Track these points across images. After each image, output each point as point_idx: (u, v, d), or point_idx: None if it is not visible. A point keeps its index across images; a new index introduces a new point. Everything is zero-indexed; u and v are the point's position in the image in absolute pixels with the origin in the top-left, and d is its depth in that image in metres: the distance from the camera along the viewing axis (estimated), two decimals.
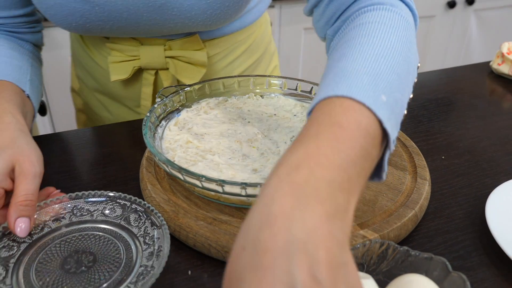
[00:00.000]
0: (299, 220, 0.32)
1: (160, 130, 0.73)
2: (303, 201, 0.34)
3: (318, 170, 0.36)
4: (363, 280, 0.46)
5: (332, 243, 0.32)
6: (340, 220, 0.35)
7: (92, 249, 0.59)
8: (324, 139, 0.39)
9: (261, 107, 0.81)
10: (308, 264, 0.31)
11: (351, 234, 0.57)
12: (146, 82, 0.90)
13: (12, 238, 0.59)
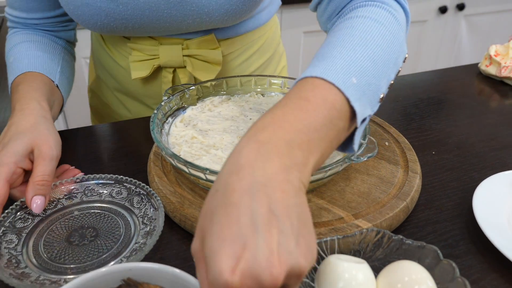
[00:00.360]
0: (261, 168, 0.37)
1: (167, 126, 0.73)
2: (265, 154, 0.39)
3: (279, 132, 0.41)
4: (358, 265, 0.46)
5: (288, 187, 0.37)
6: (298, 171, 0.39)
7: (95, 225, 0.61)
8: (289, 108, 0.44)
9: (262, 105, 0.81)
10: (267, 202, 0.36)
11: (345, 223, 0.57)
12: (165, 79, 0.91)
13: (28, 212, 0.61)
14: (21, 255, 0.55)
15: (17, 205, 0.60)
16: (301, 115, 0.43)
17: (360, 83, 0.48)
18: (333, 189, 0.65)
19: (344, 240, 0.51)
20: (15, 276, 0.51)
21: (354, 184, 0.66)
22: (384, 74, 0.52)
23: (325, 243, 0.51)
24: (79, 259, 0.56)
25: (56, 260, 0.55)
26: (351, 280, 0.45)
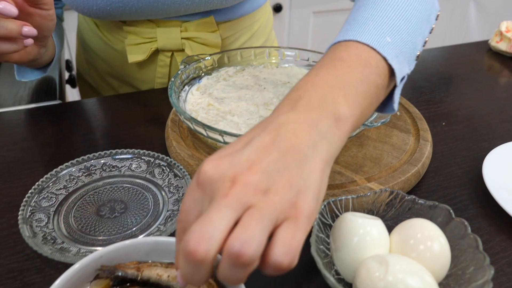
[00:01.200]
0: (285, 115, 0.37)
1: (183, 94, 0.73)
2: (295, 109, 0.38)
3: (312, 90, 0.40)
4: (373, 221, 0.47)
5: (304, 135, 0.36)
6: (327, 126, 0.37)
7: (123, 199, 0.61)
8: (322, 69, 0.42)
9: (276, 75, 0.81)
10: (274, 136, 0.35)
11: (358, 185, 0.57)
12: (162, 63, 0.90)
13: (50, 191, 0.60)
14: (54, 231, 0.55)
15: (39, 185, 0.60)
16: (334, 73, 0.41)
17: (395, 41, 0.46)
18: (346, 155, 0.65)
19: (358, 199, 0.52)
20: (56, 251, 0.50)
21: (367, 150, 0.66)
22: (418, 32, 0.50)
23: (339, 202, 0.51)
24: (109, 231, 0.55)
25: (91, 233, 0.55)
26: (366, 236, 0.46)
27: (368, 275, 0.42)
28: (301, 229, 0.32)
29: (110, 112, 0.83)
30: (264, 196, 0.32)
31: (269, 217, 0.31)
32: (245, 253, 0.30)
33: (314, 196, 0.34)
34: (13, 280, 0.50)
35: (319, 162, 0.35)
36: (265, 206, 0.32)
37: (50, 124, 0.79)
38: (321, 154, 0.36)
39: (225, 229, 0.31)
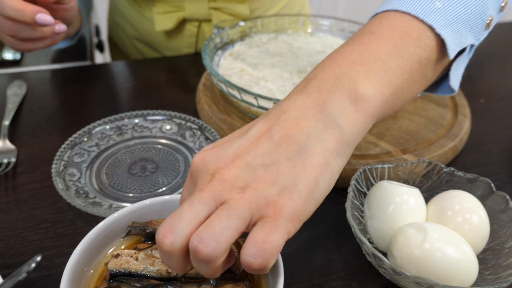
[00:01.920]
0: (291, 100, 0.34)
1: (216, 58, 0.73)
2: (305, 90, 0.35)
3: (329, 68, 0.36)
4: (411, 189, 0.46)
5: (306, 123, 0.33)
6: (339, 108, 0.33)
7: (154, 159, 0.61)
8: (348, 44, 0.38)
9: (310, 44, 0.80)
10: (272, 123, 0.33)
11: (393, 157, 0.56)
12: (189, 33, 0.89)
13: (82, 147, 0.61)
14: (86, 186, 0.55)
15: (72, 140, 0.60)
16: (359, 48, 0.36)
17: (448, 6, 0.38)
18: (381, 126, 0.64)
19: (394, 169, 0.51)
20: (89, 205, 0.51)
21: (402, 123, 0.65)
22: None
23: (375, 170, 0.50)
24: (140, 189, 0.56)
25: (122, 190, 0.56)
26: (402, 204, 0.45)
27: (405, 242, 0.41)
28: (278, 230, 0.30)
29: (140, 75, 0.83)
30: (240, 193, 0.31)
31: (238, 215, 0.30)
32: (202, 251, 0.29)
33: (303, 194, 0.31)
34: (47, 230, 0.51)
35: (320, 154, 0.32)
36: (236, 203, 0.30)
37: (81, 84, 0.79)
38: (326, 144, 0.32)
39: (192, 223, 0.31)
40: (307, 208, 0.32)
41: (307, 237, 0.51)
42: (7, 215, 0.52)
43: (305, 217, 0.32)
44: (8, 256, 0.47)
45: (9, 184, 0.57)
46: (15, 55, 0.87)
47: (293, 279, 0.46)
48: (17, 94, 0.74)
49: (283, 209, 0.30)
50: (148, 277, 0.41)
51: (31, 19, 0.57)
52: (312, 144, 0.32)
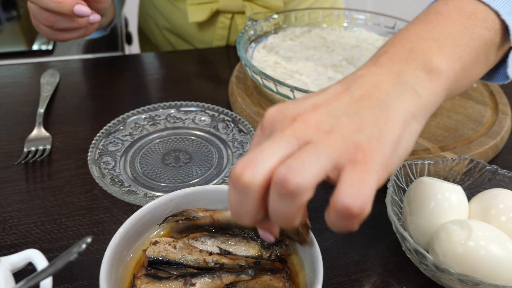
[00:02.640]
0: (366, 68, 0.35)
1: (250, 50, 0.73)
2: (378, 63, 0.35)
3: (399, 43, 0.36)
4: (453, 186, 0.45)
5: (384, 86, 0.33)
6: (415, 77, 0.34)
7: (187, 150, 0.62)
8: (415, 23, 0.38)
9: (344, 38, 0.79)
10: (349, 84, 0.33)
11: (431, 153, 0.56)
12: (222, 25, 0.89)
13: (117, 136, 0.62)
14: (121, 175, 0.56)
15: (106, 129, 0.61)
16: (428, 26, 0.37)
17: None
18: None
19: (434, 165, 0.50)
20: (124, 193, 0.52)
21: (440, 120, 0.64)
22: None
23: (415, 166, 0.50)
24: (174, 179, 0.57)
25: (156, 179, 0.56)
26: (444, 202, 0.45)
27: (448, 239, 0.41)
28: (371, 174, 0.28)
29: (171, 67, 0.85)
30: (326, 135, 0.30)
31: (326, 154, 0.28)
32: (292, 180, 0.27)
33: (390, 145, 0.30)
34: (82, 217, 0.52)
35: (402, 112, 0.31)
36: (324, 143, 0.29)
37: (113, 74, 0.81)
38: (406, 104, 0.32)
39: (275, 158, 0.29)
40: (393, 161, 0.31)
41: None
42: (43, 201, 0.54)
43: (391, 170, 0.31)
44: (46, 241, 0.49)
45: (44, 171, 0.58)
46: (48, 45, 0.89)
47: (330, 274, 0.46)
48: (50, 83, 0.76)
49: (374, 154, 0.29)
50: (186, 266, 0.42)
51: (70, 10, 0.59)
52: (393, 102, 0.32)
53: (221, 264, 0.41)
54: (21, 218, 0.51)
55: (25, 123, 0.66)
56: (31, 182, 0.56)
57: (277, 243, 0.43)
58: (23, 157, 0.59)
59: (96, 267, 0.45)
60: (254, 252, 0.43)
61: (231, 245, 0.44)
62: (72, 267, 0.46)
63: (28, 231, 0.50)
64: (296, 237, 0.41)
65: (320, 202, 0.54)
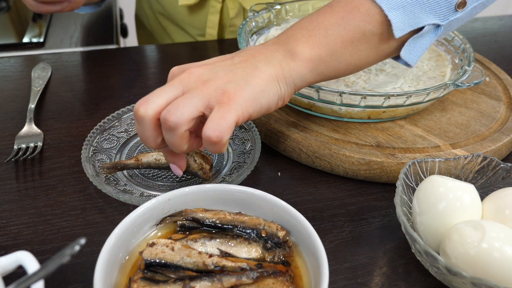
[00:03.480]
0: (252, 47, 0.49)
1: (251, 43, 0.73)
2: (264, 44, 0.49)
3: (289, 30, 0.50)
4: (466, 185, 0.45)
5: (260, 53, 0.47)
6: (283, 54, 0.47)
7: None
8: (312, 14, 0.50)
9: None
10: (232, 55, 0.48)
11: (442, 151, 0.55)
12: (213, 9, 0.89)
13: (112, 133, 0.61)
14: (116, 173, 0.56)
15: (101, 125, 0.61)
16: (314, 17, 0.49)
17: None
18: (428, 118, 0.63)
19: (445, 163, 0.50)
20: (120, 192, 0.52)
21: (451, 115, 0.63)
22: None
23: (425, 164, 0.50)
24: (172, 178, 0.56)
25: (153, 178, 0.56)
26: (456, 201, 0.44)
27: (460, 240, 0.40)
28: (231, 112, 0.41)
29: (168, 60, 0.84)
30: (202, 83, 0.43)
31: (198, 97, 0.42)
32: (168, 118, 0.41)
33: (252, 93, 0.43)
34: (75, 217, 0.51)
35: (266, 73, 0.45)
36: (198, 89, 0.43)
37: (108, 68, 0.80)
38: (272, 70, 0.46)
39: (163, 99, 0.43)
40: (254, 105, 0.44)
41: (349, 233, 0.50)
42: (34, 201, 0.53)
43: (252, 113, 0.44)
44: (37, 243, 0.48)
45: (36, 169, 0.58)
46: (39, 37, 0.89)
47: (335, 277, 0.46)
48: (41, 77, 0.76)
49: (236, 97, 0.42)
50: (184, 269, 0.41)
51: None
52: (262, 67, 0.46)
53: (221, 267, 0.41)
54: (11, 218, 0.51)
55: (16, 119, 0.66)
56: (21, 181, 0.56)
57: (280, 245, 0.43)
58: (13, 154, 0.58)
59: (89, 270, 0.45)
60: (256, 254, 0.43)
61: (232, 247, 0.43)
62: (64, 270, 0.46)
63: (18, 232, 0.49)
64: (200, 173, 0.54)
65: (324, 201, 0.54)
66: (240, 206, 0.47)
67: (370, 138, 0.58)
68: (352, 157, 0.55)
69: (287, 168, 0.59)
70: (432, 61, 0.70)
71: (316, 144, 0.57)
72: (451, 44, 0.71)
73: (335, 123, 0.61)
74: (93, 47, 0.88)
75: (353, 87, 0.63)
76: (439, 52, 0.72)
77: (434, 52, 0.73)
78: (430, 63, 0.69)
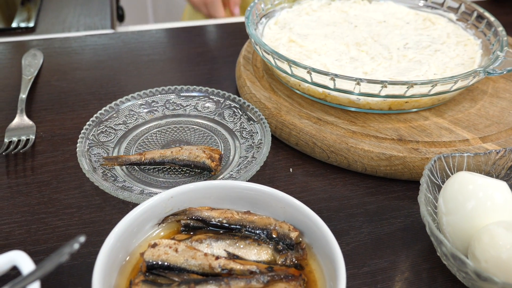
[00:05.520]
0: None
1: (260, 27, 0.73)
2: None
3: None
4: (497, 182, 0.45)
5: None
6: None
7: (189, 141, 0.62)
8: None
9: (369, 12, 0.79)
10: None
11: (471, 145, 0.55)
12: None
13: (109, 125, 0.62)
14: (114, 169, 0.56)
15: (97, 117, 0.61)
16: None
17: None
18: (456, 109, 0.63)
19: (475, 158, 0.50)
20: (118, 189, 0.52)
21: (481, 106, 0.63)
22: None
23: (452, 159, 0.50)
24: (175, 174, 0.57)
25: (154, 174, 0.57)
26: (486, 200, 0.44)
27: (491, 243, 0.40)
28: None
29: (170, 46, 0.85)
30: None
31: None
32: None
33: None
34: (71, 216, 0.52)
35: None
36: None
37: (103, 55, 0.81)
38: None
39: None
40: None
41: (369, 234, 0.50)
42: (27, 198, 0.54)
43: None
44: (30, 243, 0.49)
45: (28, 164, 0.59)
46: (29, 22, 0.90)
47: (352, 282, 0.46)
48: (32, 65, 0.77)
49: None
50: (189, 271, 0.42)
51: None
52: None
53: (229, 270, 0.41)
54: (2, 217, 0.52)
55: (6, 110, 0.67)
56: (13, 176, 0.57)
57: (292, 247, 0.43)
58: (3, 148, 0.59)
59: (87, 273, 0.45)
60: (266, 256, 0.43)
61: (240, 249, 0.44)
62: (60, 273, 0.46)
63: (10, 231, 0.50)
64: (209, 161, 0.54)
65: (341, 200, 0.54)
66: (249, 205, 0.47)
67: (391, 131, 0.58)
68: (371, 151, 0.55)
69: (300, 164, 0.59)
70: (460, 46, 0.70)
71: (331, 138, 0.57)
72: (482, 27, 0.71)
73: (352, 115, 0.61)
74: (87, 32, 0.88)
75: (372, 75, 0.63)
76: (468, 36, 0.72)
77: (462, 36, 0.72)
78: (458, 48, 0.69)
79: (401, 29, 0.74)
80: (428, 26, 0.75)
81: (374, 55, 0.67)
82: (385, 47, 0.69)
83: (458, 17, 0.76)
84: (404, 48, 0.69)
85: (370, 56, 0.67)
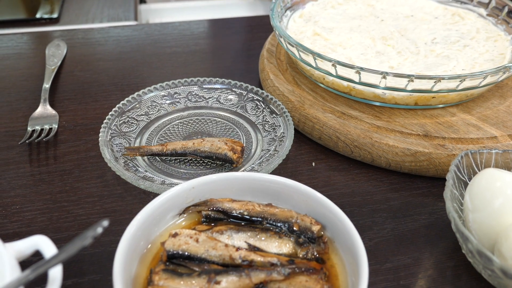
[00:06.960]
0: None
1: (284, 20, 0.73)
2: None
3: None
4: None
5: None
6: None
7: (211, 133, 0.62)
8: None
9: (396, 6, 0.78)
10: None
11: (499, 142, 0.55)
12: None
13: (131, 116, 0.63)
14: (135, 159, 0.57)
15: (119, 107, 0.62)
16: None
17: None
18: (484, 106, 0.62)
19: (503, 155, 0.50)
20: (140, 179, 0.53)
21: (511, 103, 0.63)
22: None
23: (480, 155, 0.49)
24: (196, 165, 0.57)
25: (176, 165, 0.58)
26: None
27: None
28: None
29: (192, 38, 0.85)
30: None
31: None
32: None
33: None
34: (93, 205, 0.53)
35: None
36: None
37: (127, 46, 0.82)
38: None
39: None
40: None
41: (391, 231, 0.50)
42: (49, 186, 0.55)
43: None
44: (52, 230, 0.50)
45: (50, 153, 0.60)
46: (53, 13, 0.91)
47: (375, 277, 0.46)
48: (56, 55, 0.78)
49: None
50: (209, 262, 0.42)
51: None
52: None
53: (249, 261, 0.41)
54: (24, 204, 0.53)
55: (29, 99, 0.68)
56: (35, 164, 0.58)
57: (314, 240, 0.43)
58: (26, 136, 0.60)
59: (107, 261, 0.46)
60: (287, 249, 0.44)
61: (262, 241, 0.44)
62: (81, 260, 0.47)
63: (32, 218, 0.51)
64: (230, 153, 0.54)
65: (364, 196, 0.54)
66: (270, 197, 0.47)
67: (416, 127, 0.58)
68: (396, 147, 0.55)
69: (323, 158, 0.60)
70: (490, 42, 0.69)
71: (355, 132, 0.57)
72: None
73: (377, 109, 0.61)
74: (111, 24, 0.89)
75: (398, 70, 0.63)
76: (498, 31, 0.71)
77: (492, 31, 0.71)
78: (488, 44, 0.68)
79: (429, 23, 0.74)
80: (457, 21, 0.74)
81: (401, 50, 0.67)
82: (412, 41, 0.69)
83: (488, 12, 0.75)
84: (432, 43, 0.68)
85: (397, 51, 0.66)
